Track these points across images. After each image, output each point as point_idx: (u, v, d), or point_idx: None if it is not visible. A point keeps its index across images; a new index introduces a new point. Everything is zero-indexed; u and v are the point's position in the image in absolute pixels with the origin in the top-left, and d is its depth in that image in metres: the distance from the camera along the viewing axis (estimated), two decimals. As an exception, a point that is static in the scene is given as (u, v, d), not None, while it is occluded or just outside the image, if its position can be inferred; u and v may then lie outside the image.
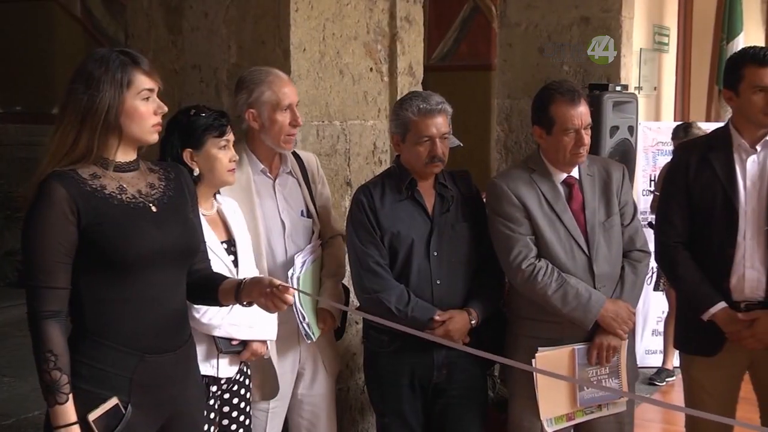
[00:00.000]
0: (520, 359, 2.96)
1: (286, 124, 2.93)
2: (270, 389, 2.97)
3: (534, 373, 2.92)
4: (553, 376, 2.92)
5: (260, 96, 2.91)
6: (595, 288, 2.95)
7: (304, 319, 2.95)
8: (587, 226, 2.99)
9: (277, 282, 2.20)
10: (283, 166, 3.05)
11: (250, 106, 2.93)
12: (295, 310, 2.92)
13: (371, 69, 3.70)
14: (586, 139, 2.95)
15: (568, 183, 3.02)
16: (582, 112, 2.94)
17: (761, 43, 7.82)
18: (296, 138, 3.05)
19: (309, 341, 2.99)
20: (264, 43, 3.39)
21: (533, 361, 2.92)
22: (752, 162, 3.01)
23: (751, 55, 2.99)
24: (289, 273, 2.92)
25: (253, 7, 3.40)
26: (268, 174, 3.01)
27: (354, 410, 3.61)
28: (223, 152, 2.69)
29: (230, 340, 2.68)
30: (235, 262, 2.73)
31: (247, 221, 2.89)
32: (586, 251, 2.97)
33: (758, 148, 3.01)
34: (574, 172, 3.03)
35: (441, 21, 7.28)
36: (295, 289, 2.86)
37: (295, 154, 3.11)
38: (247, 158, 2.98)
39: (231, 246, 2.75)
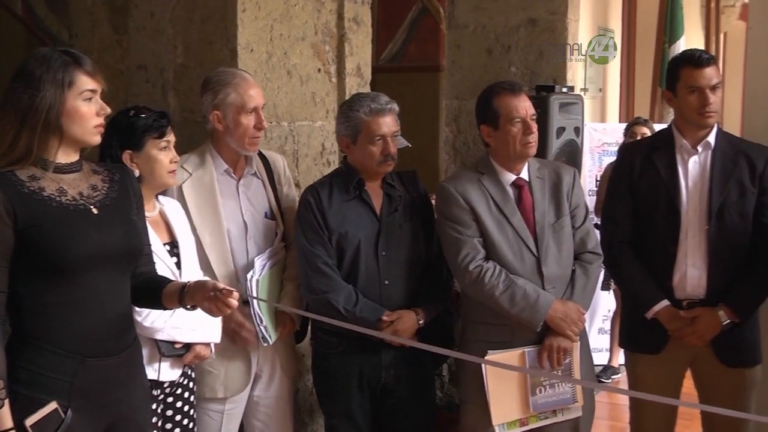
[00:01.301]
0: (471, 364, 2.97)
1: (251, 126, 2.92)
2: (235, 385, 2.99)
3: (485, 379, 2.93)
4: (509, 368, 2.92)
5: (225, 98, 2.90)
6: (544, 289, 2.97)
7: (261, 321, 2.94)
8: (536, 227, 3.01)
9: (221, 286, 2.18)
10: (248, 167, 3.04)
11: (215, 108, 2.92)
12: (252, 312, 2.92)
13: (319, 70, 3.69)
14: (534, 126, 2.97)
15: (517, 185, 3.04)
16: (525, 102, 2.97)
17: (701, 46, 8.00)
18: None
19: (266, 344, 2.98)
20: (211, 43, 3.36)
21: (484, 366, 2.92)
22: (694, 162, 3.07)
23: (688, 57, 3.06)
24: (248, 275, 2.91)
25: (200, 7, 3.37)
26: (232, 174, 2.99)
27: (303, 412, 3.60)
28: (163, 153, 2.67)
29: (173, 343, 2.66)
30: (178, 264, 2.70)
31: (211, 222, 2.87)
32: (535, 253, 2.99)
33: (699, 148, 3.06)
34: (524, 174, 3.05)
35: (389, 22, 7.28)
36: (250, 296, 2.86)
37: (261, 154, 3.11)
38: (212, 158, 2.97)
39: (174, 248, 2.72)
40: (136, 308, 2.45)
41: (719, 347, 3.03)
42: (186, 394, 2.78)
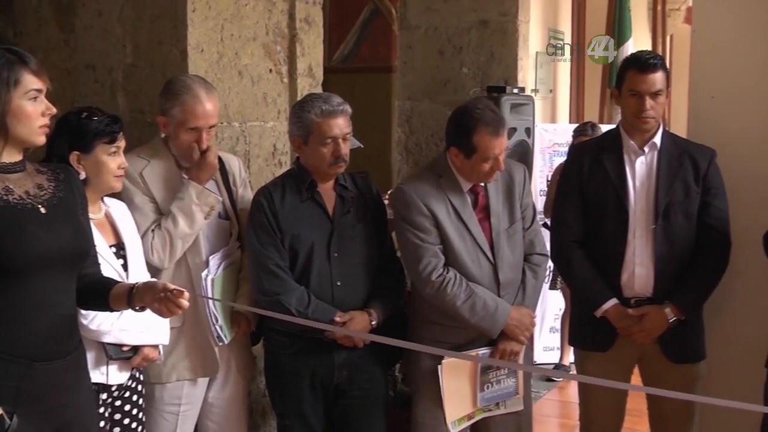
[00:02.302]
0: (425, 363, 3.02)
1: (191, 142, 2.89)
2: (211, 365, 2.97)
3: (440, 378, 2.96)
4: (471, 359, 2.97)
5: (171, 109, 2.88)
6: (499, 295, 3.01)
7: (216, 321, 2.93)
8: (492, 233, 3.04)
9: (172, 286, 2.17)
10: None
11: (163, 113, 2.91)
12: (207, 312, 2.91)
13: (270, 70, 3.68)
14: (502, 165, 2.98)
15: (474, 190, 3.06)
16: (504, 141, 2.97)
17: (648, 48, 8.13)
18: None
19: (221, 344, 2.96)
20: (161, 43, 3.33)
21: (439, 367, 2.97)
22: (641, 163, 3.12)
23: (635, 60, 3.10)
24: (203, 274, 2.90)
25: (149, 6, 3.34)
26: (184, 174, 2.96)
27: (256, 413, 3.58)
28: (112, 158, 2.64)
29: (120, 345, 2.62)
30: (125, 266, 2.67)
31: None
32: (492, 259, 3.02)
33: (646, 149, 3.12)
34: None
35: (341, 23, 7.28)
36: (205, 296, 2.85)
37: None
38: (167, 156, 2.96)
39: (120, 250, 2.69)
40: (82, 311, 2.42)
41: (666, 344, 3.09)
42: (135, 398, 2.75)
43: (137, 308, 2.25)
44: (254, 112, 3.61)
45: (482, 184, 3.07)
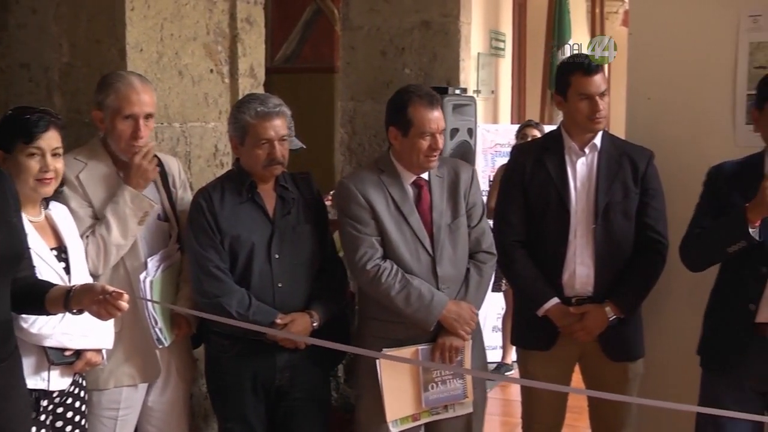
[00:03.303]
0: (367, 361, 3.00)
1: (127, 133, 2.84)
2: (151, 370, 2.93)
3: (379, 375, 2.95)
4: (406, 362, 2.96)
5: (105, 99, 2.84)
6: (438, 289, 3.01)
7: (156, 323, 2.89)
8: (433, 227, 3.04)
9: (111, 288, 2.13)
10: None
11: (98, 107, 2.87)
12: (147, 314, 2.87)
13: (212, 70, 3.64)
14: (441, 141, 3.00)
15: (417, 184, 3.07)
16: (439, 116, 2.98)
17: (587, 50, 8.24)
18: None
19: (160, 347, 2.93)
20: (99, 42, 3.27)
21: (378, 362, 2.95)
22: (581, 164, 3.16)
23: (578, 63, 3.14)
24: (141, 277, 2.86)
25: (86, 4, 3.28)
26: (121, 175, 2.91)
27: (197, 417, 3.54)
28: (30, 161, 2.50)
29: (62, 350, 2.56)
30: (67, 269, 2.61)
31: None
32: (431, 253, 3.02)
33: (586, 150, 3.16)
34: (424, 174, 3.08)
35: (284, 23, 7.24)
36: (144, 298, 2.80)
37: (155, 156, 3.03)
38: (105, 157, 2.91)
39: (62, 253, 2.63)
40: (22, 315, 2.36)
41: (605, 342, 3.13)
42: (77, 404, 2.69)
43: (74, 311, 2.20)
44: (195, 112, 3.57)
45: (426, 178, 3.07)
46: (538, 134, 5.56)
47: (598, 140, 3.17)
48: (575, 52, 6.63)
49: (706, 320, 2.92)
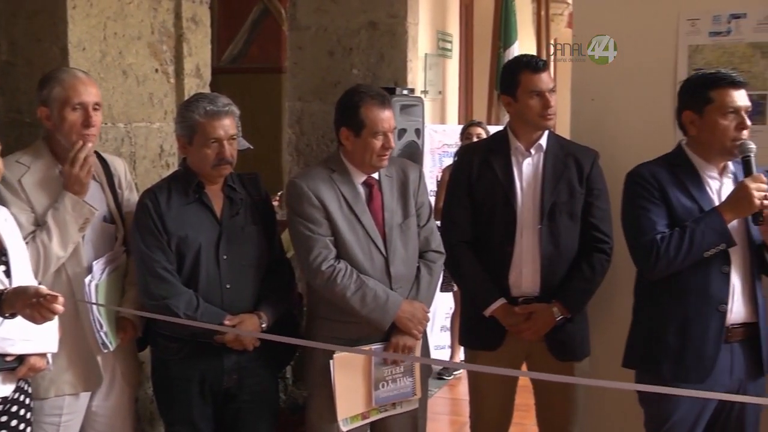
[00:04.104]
0: (319, 360, 3.00)
1: (78, 123, 2.80)
2: (93, 378, 2.88)
3: (332, 374, 2.94)
4: (363, 353, 2.95)
5: (50, 92, 2.80)
6: (391, 289, 3.01)
7: (101, 327, 2.84)
8: (385, 227, 3.04)
9: (45, 291, 2.09)
10: None
11: (43, 104, 2.82)
12: (91, 318, 2.82)
13: (156, 70, 3.60)
14: (393, 141, 3.01)
15: (368, 183, 3.06)
16: (390, 116, 2.99)
17: (533, 52, 8.34)
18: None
19: (105, 351, 2.88)
20: (40, 40, 3.21)
21: (331, 362, 2.94)
22: (527, 164, 3.19)
23: (525, 62, 3.17)
24: (86, 280, 2.81)
25: (26, 2, 3.21)
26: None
27: (143, 421, 3.50)
28: None
29: (4, 355, 2.50)
30: (7, 273, 2.55)
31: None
32: (384, 252, 3.02)
33: (532, 151, 3.19)
34: (374, 173, 3.08)
35: (230, 22, 7.19)
36: (89, 301, 2.75)
37: (100, 157, 3.00)
38: (49, 159, 2.85)
39: (2, 256, 2.57)
40: None
41: (552, 342, 3.16)
42: (22, 412, 2.62)
43: (7, 315, 2.15)
44: (140, 112, 3.53)
45: (376, 177, 3.07)
46: (482, 133, 5.61)
47: (543, 141, 3.20)
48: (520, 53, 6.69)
49: (659, 328, 2.86)
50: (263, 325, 2.94)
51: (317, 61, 4.84)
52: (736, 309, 2.78)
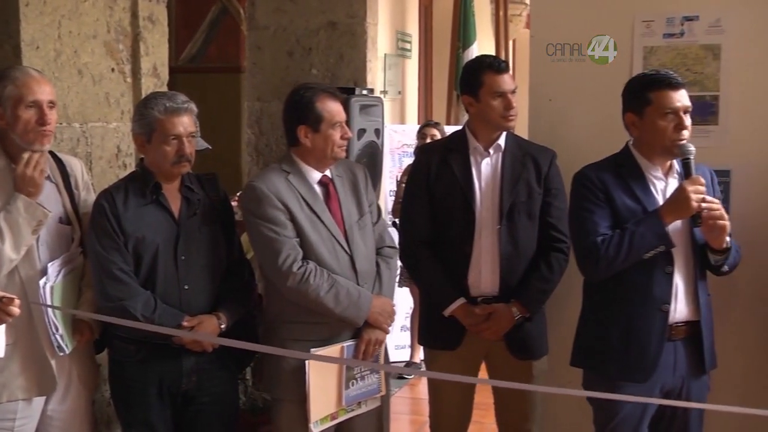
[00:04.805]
0: (288, 364, 2.97)
1: (32, 121, 2.76)
2: (47, 382, 2.84)
3: (307, 375, 2.92)
4: (335, 361, 2.95)
5: (3, 91, 2.75)
6: (358, 285, 3.02)
7: (56, 330, 2.80)
8: (345, 225, 3.05)
9: (0, 293, 2.05)
10: None
11: None
12: (47, 321, 2.78)
13: (113, 69, 3.56)
14: (349, 132, 3.04)
15: (323, 183, 3.06)
16: (342, 108, 3.03)
17: (492, 52, 8.39)
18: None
19: (61, 354, 2.84)
20: (-9, 38, 3.16)
21: (307, 363, 2.92)
22: (486, 164, 3.21)
23: (488, 63, 3.19)
24: (41, 282, 2.77)
25: (-24, -1, 3.17)
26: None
27: (100, 424, 3.46)
28: None
29: None
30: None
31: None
32: (348, 250, 3.02)
33: (491, 151, 3.21)
34: (327, 172, 3.08)
35: (188, 22, 7.14)
36: (44, 304, 2.71)
37: (57, 158, 2.96)
38: (3, 159, 2.80)
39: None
40: None
41: (511, 341, 3.18)
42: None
43: None
44: (96, 112, 3.49)
45: (329, 176, 3.07)
46: (438, 134, 5.64)
47: (502, 141, 3.22)
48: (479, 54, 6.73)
49: (604, 327, 2.89)
50: (222, 326, 2.93)
51: (276, 61, 4.83)
52: (680, 308, 2.81)
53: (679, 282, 2.81)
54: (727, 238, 2.74)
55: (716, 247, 2.76)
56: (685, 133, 2.77)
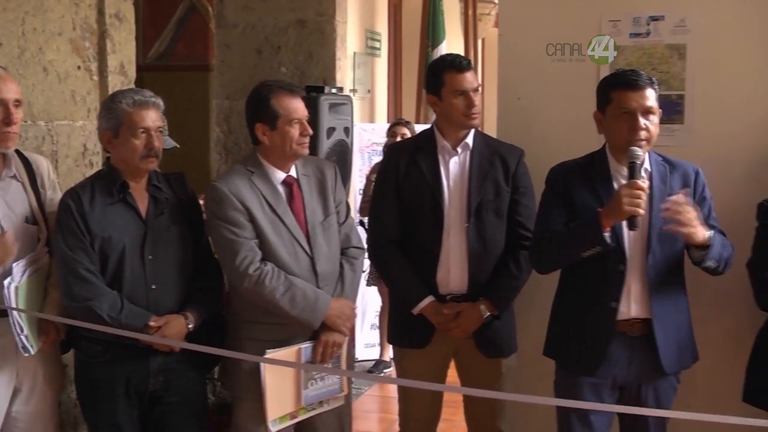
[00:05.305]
0: (246, 363, 2.96)
1: (1, 119, 2.73)
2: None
3: (263, 376, 2.92)
4: (288, 365, 2.94)
5: None
6: (318, 287, 3.01)
7: (22, 330, 2.78)
8: (308, 226, 3.03)
9: None
10: (6, 169, 2.86)
11: None
12: (12, 320, 2.75)
13: (79, 67, 3.53)
14: (309, 128, 3.01)
15: (287, 183, 3.05)
16: (302, 104, 3.01)
17: (461, 51, 8.42)
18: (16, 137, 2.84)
19: (27, 354, 2.81)
20: (-48, 35, 3.12)
21: (262, 363, 2.91)
22: (454, 163, 3.22)
23: (450, 62, 3.20)
24: (6, 282, 2.74)
25: (-62, -4, 3.12)
26: None
27: (66, 425, 3.43)
28: None
29: None
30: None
31: None
32: (309, 251, 3.02)
33: (459, 149, 3.22)
34: (292, 172, 3.07)
35: (156, 20, 7.09)
36: (8, 306, 2.68)
37: (22, 156, 2.93)
38: None
39: None
40: None
41: (480, 339, 3.20)
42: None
43: None
44: (62, 110, 3.45)
45: (295, 176, 3.06)
46: (408, 133, 5.64)
47: (470, 139, 3.23)
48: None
49: (563, 320, 2.95)
50: (189, 326, 2.92)
51: (245, 59, 4.80)
52: (633, 306, 2.81)
53: (632, 280, 2.81)
54: (708, 234, 2.71)
55: (691, 243, 2.73)
56: (643, 134, 2.73)
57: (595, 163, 2.89)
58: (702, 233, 2.69)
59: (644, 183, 2.69)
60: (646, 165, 2.83)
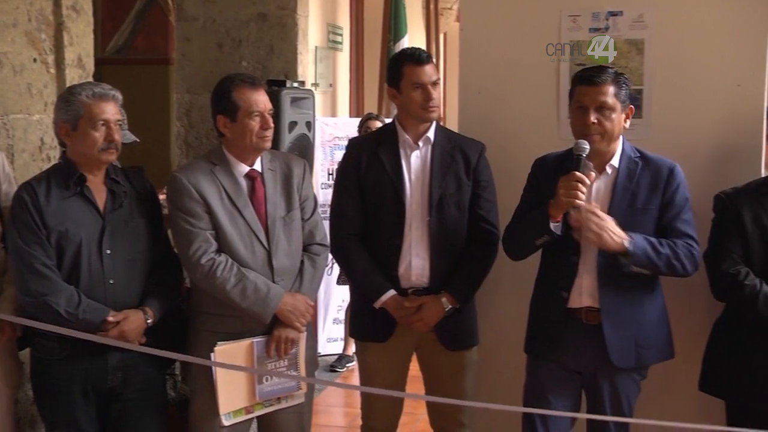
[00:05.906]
0: (201, 354, 2.95)
1: None
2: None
3: (213, 369, 2.90)
4: (234, 369, 2.93)
5: None
6: (274, 282, 2.99)
7: (-25, 328, 2.73)
8: (268, 220, 3.02)
9: None
10: None
11: None
12: None
13: (35, 60, 3.48)
14: (271, 121, 3.00)
15: (250, 176, 3.04)
16: (264, 97, 3.00)
17: (423, 45, 8.43)
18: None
19: None
20: None
21: (212, 355, 2.91)
22: (415, 157, 3.22)
23: (409, 55, 3.21)
24: None
25: None
26: None
27: (23, 423, 3.38)
28: None
29: None
30: None
31: None
32: (266, 245, 3.00)
33: (420, 143, 3.22)
34: (257, 166, 3.05)
35: (115, 12, 7.02)
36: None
37: None
38: None
39: None
40: None
41: (442, 332, 3.20)
42: None
43: None
44: (18, 103, 3.40)
45: (259, 170, 3.05)
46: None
47: (431, 133, 3.23)
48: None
49: (530, 308, 3.08)
50: (149, 321, 2.90)
51: (206, 52, 4.77)
52: (584, 297, 2.90)
53: (584, 272, 2.90)
54: (625, 242, 2.76)
55: (605, 250, 2.81)
56: (594, 128, 2.82)
57: (570, 156, 2.93)
58: (615, 241, 2.77)
59: (590, 176, 2.81)
60: (614, 160, 2.91)
